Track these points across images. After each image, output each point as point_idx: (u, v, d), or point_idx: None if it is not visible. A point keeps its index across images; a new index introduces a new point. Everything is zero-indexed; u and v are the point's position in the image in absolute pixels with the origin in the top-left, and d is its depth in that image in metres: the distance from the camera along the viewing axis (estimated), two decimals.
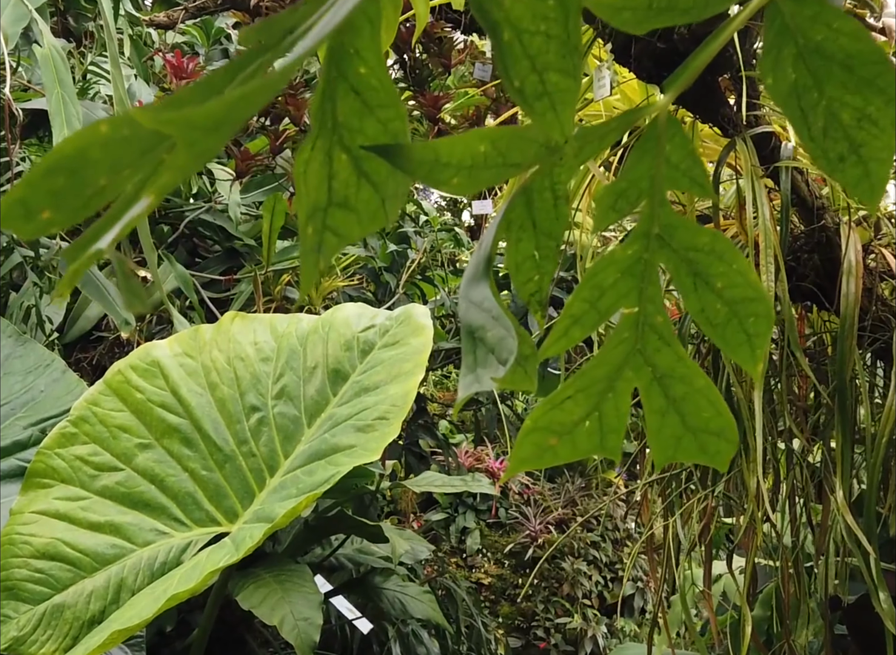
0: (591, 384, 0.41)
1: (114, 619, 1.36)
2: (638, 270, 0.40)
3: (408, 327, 1.40)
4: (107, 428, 1.44)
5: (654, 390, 0.41)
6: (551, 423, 0.41)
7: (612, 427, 0.42)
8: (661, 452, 0.42)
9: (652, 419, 0.42)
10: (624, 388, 0.41)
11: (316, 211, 0.35)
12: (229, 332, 1.47)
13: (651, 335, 0.41)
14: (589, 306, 0.40)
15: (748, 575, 1.20)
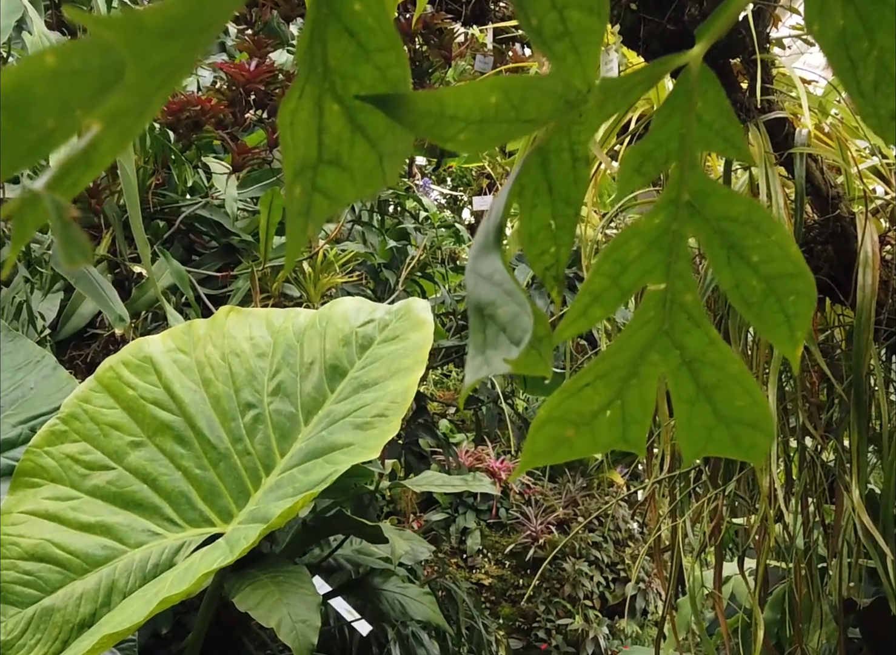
0: (612, 370, 0.37)
1: (104, 623, 1.32)
2: (665, 242, 0.36)
3: (408, 321, 1.36)
4: (98, 426, 1.40)
5: (683, 376, 0.37)
6: (568, 413, 0.37)
7: (636, 417, 0.37)
8: (690, 445, 0.38)
9: (680, 409, 0.37)
10: (649, 374, 0.37)
11: (304, 169, 0.30)
12: (224, 327, 1.43)
13: (680, 315, 0.37)
14: (610, 281, 0.36)
15: (760, 577, 1.16)
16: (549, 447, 0.37)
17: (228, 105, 2.06)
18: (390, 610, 2.64)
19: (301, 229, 0.30)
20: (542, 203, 0.35)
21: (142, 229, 1.57)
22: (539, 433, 0.37)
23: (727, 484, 1.15)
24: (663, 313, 0.37)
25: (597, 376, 0.37)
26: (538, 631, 4.19)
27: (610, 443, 0.38)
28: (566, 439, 0.37)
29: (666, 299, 0.37)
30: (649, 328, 0.37)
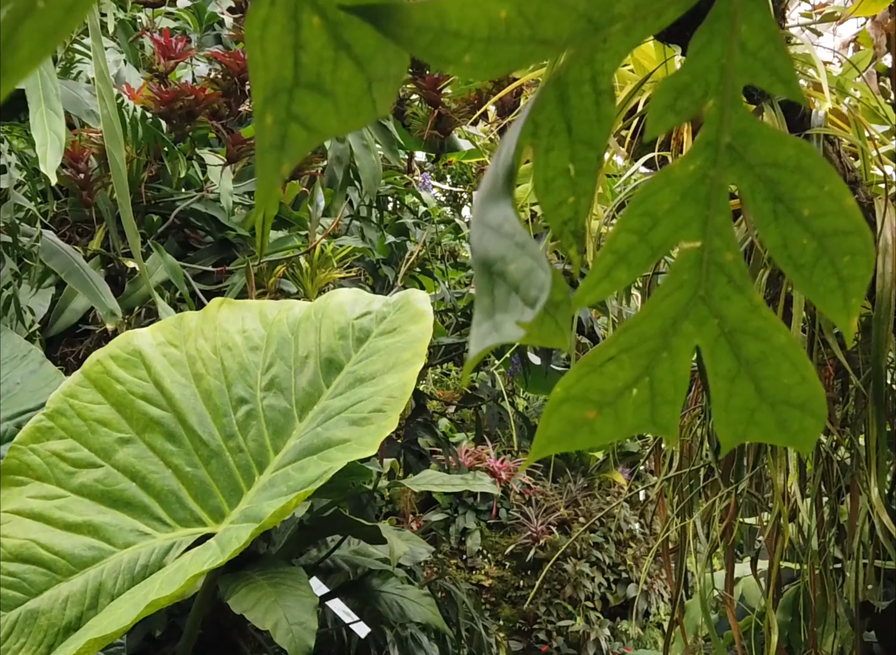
0: (639, 342, 0.32)
1: (91, 626, 1.27)
2: (702, 192, 0.31)
3: (406, 313, 1.31)
4: (85, 422, 1.35)
5: (722, 348, 0.32)
6: (588, 391, 0.32)
7: (667, 397, 0.32)
8: (728, 429, 0.33)
9: (718, 387, 0.32)
10: (682, 346, 0.32)
11: (277, 93, 0.25)
12: (216, 319, 1.38)
13: (718, 277, 0.32)
14: (638, 238, 0.31)
15: (774, 579, 1.11)
16: (567, 431, 0.32)
17: (223, 95, 2.01)
18: (389, 612, 2.60)
19: (273, 167, 0.25)
20: (559, 145, 0.30)
21: (132, 220, 1.52)
22: (555, 414, 0.32)
23: (740, 482, 1.11)
24: (699, 276, 0.32)
25: (622, 349, 0.32)
26: (539, 633, 4.14)
27: (636, 426, 0.33)
28: (586, 421, 0.32)
29: (702, 258, 0.32)
30: (683, 293, 0.32)
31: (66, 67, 1.96)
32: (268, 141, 0.25)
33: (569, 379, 0.32)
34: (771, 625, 1.07)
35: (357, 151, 2.81)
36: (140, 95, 2.01)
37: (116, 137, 1.50)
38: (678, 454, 1.21)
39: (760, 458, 1.10)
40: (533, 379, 3.25)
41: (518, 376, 3.31)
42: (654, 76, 1.17)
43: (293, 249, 2.48)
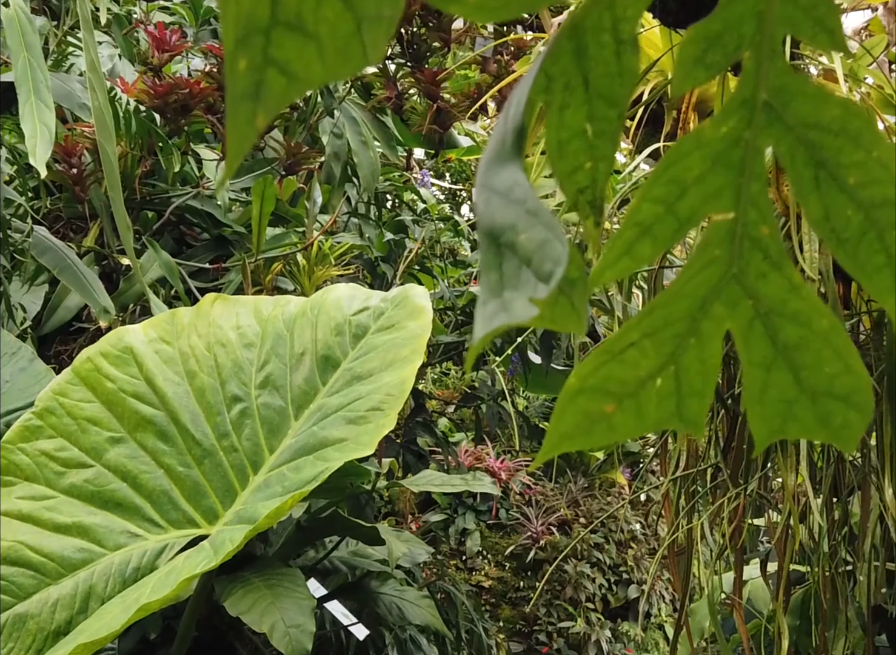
0: (664, 326, 0.28)
1: (81, 630, 1.24)
2: (735, 156, 0.28)
3: (404, 309, 1.28)
4: (75, 421, 1.31)
5: (757, 333, 0.29)
6: (607, 381, 0.28)
7: (694, 388, 0.29)
8: (763, 424, 0.29)
9: (752, 377, 0.29)
10: (712, 331, 0.29)
11: (251, 34, 0.22)
12: (210, 316, 1.35)
13: (754, 254, 0.28)
14: (664, 209, 0.28)
15: (784, 582, 1.08)
16: (582, 427, 0.29)
17: (218, 89, 1.97)
18: (388, 614, 2.56)
19: (246, 119, 0.22)
20: (575, 102, 0.27)
21: (125, 214, 1.48)
22: (569, 407, 0.28)
23: (749, 482, 1.07)
24: (731, 251, 0.28)
25: (644, 334, 0.28)
26: (539, 634, 4.11)
27: (660, 421, 0.29)
28: (604, 415, 0.29)
29: (735, 232, 0.28)
30: (713, 271, 0.28)
31: (58, 60, 1.92)
32: (240, 88, 0.22)
33: (585, 368, 0.28)
34: (782, 630, 1.03)
35: (355, 148, 2.78)
36: (134, 89, 1.97)
37: (108, 129, 1.47)
38: (685, 453, 1.18)
39: (770, 457, 1.07)
40: (533, 378, 3.22)
41: (518, 376, 3.27)
42: (659, 65, 1.14)
43: (290, 246, 2.44)
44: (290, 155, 2.14)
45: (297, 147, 2.14)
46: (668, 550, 1.20)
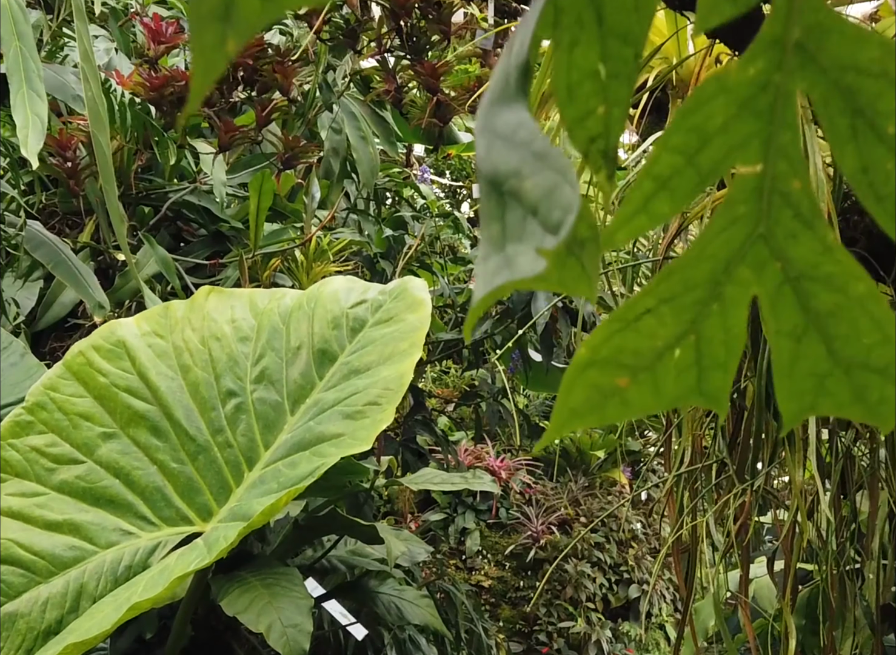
0: (684, 291, 0.26)
1: (71, 630, 1.21)
2: (764, 102, 0.25)
3: (403, 301, 1.25)
4: (66, 416, 1.28)
5: (786, 299, 0.26)
6: (620, 352, 0.26)
7: (717, 360, 0.26)
8: (793, 400, 0.26)
9: (781, 348, 0.26)
10: (737, 296, 0.26)
11: None
12: (204, 309, 1.32)
13: (783, 211, 0.26)
14: (684, 160, 0.25)
15: (791, 580, 1.05)
16: (593, 402, 0.26)
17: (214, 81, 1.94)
18: (386, 614, 2.54)
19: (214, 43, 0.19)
20: (586, 39, 0.24)
21: (118, 206, 1.46)
22: (579, 381, 0.26)
23: (756, 478, 1.04)
24: (759, 208, 0.26)
25: (662, 300, 0.26)
26: (539, 634, 4.08)
27: (679, 396, 0.26)
28: (617, 390, 0.26)
29: (763, 186, 0.25)
30: (738, 230, 0.26)
31: (52, 51, 1.89)
32: (207, 7, 0.19)
33: (596, 338, 0.25)
34: (789, 629, 1.01)
35: (354, 143, 2.75)
36: (130, 82, 1.95)
37: (101, 120, 1.44)
38: (689, 449, 1.15)
39: (777, 452, 1.04)
40: (534, 376, 3.19)
41: (519, 373, 3.25)
42: (664, 51, 1.11)
43: (288, 241, 2.41)
44: (287, 149, 2.12)
45: (294, 141, 2.11)
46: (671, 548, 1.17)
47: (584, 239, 0.24)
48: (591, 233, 0.24)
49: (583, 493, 4.40)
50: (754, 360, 1.00)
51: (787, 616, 1.02)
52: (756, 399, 1.00)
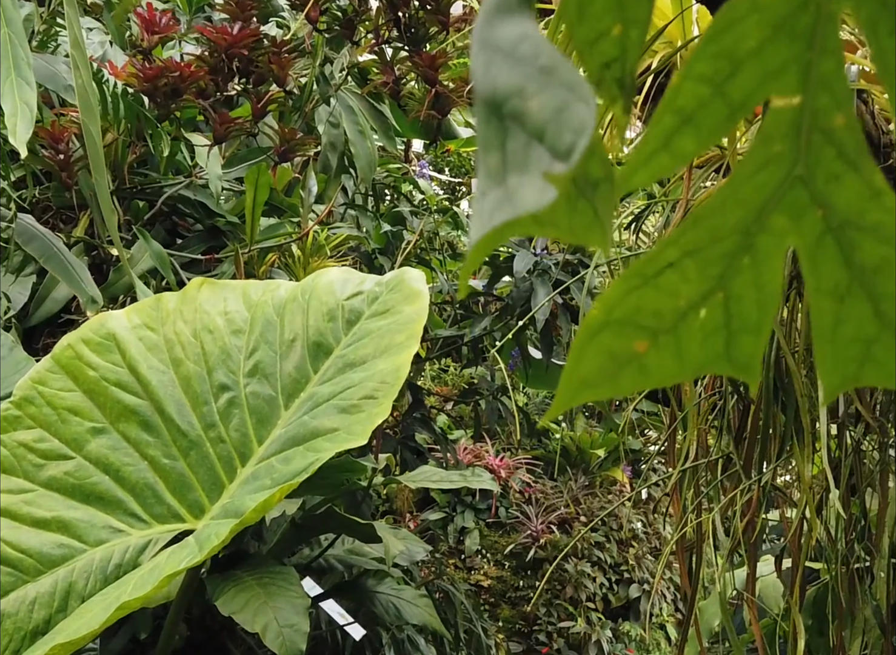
0: (711, 241, 0.23)
1: (59, 630, 1.18)
2: (803, 23, 0.22)
3: (400, 293, 1.22)
4: (55, 411, 1.25)
5: (827, 251, 0.23)
6: (638, 312, 0.23)
7: (748, 321, 0.23)
8: (835, 368, 0.23)
9: (822, 309, 0.23)
10: (771, 248, 0.23)
11: None
12: (196, 301, 1.29)
13: (824, 150, 0.22)
14: (711, 90, 0.22)
15: (800, 579, 1.02)
16: (607, 370, 0.23)
17: (210, 73, 1.91)
18: (384, 613, 2.51)
19: None
20: None
21: (109, 196, 1.42)
22: (590, 346, 0.22)
23: (764, 473, 1.01)
24: (797, 147, 0.22)
25: (686, 252, 0.22)
26: (539, 634, 4.05)
27: (704, 363, 0.23)
28: (634, 356, 0.23)
29: (801, 122, 0.22)
30: (773, 172, 0.22)
31: (44, 41, 1.86)
32: None
33: (611, 296, 0.22)
34: (798, 628, 0.98)
35: (352, 138, 2.72)
36: (123, 73, 1.91)
37: (91, 108, 1.41)
38: (694, 443, 1.12)
39: (785, 447, 1.01)
40: (533, 374, 3.16)
41: (518, 371, 3.21)
42: (667, 34, 1.08)
43: (285, 236, 2.38)
44: (284, 142, 2.08)
45: (291, 133, 2.08)
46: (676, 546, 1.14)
47: (596, 179, 0.20)
48: (604, 173, 0.21)
49: (583, 492, 4.36)
50: None
51: (795, 614, 0.99)
52: (763, 392, 0.97)
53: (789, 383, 0.97)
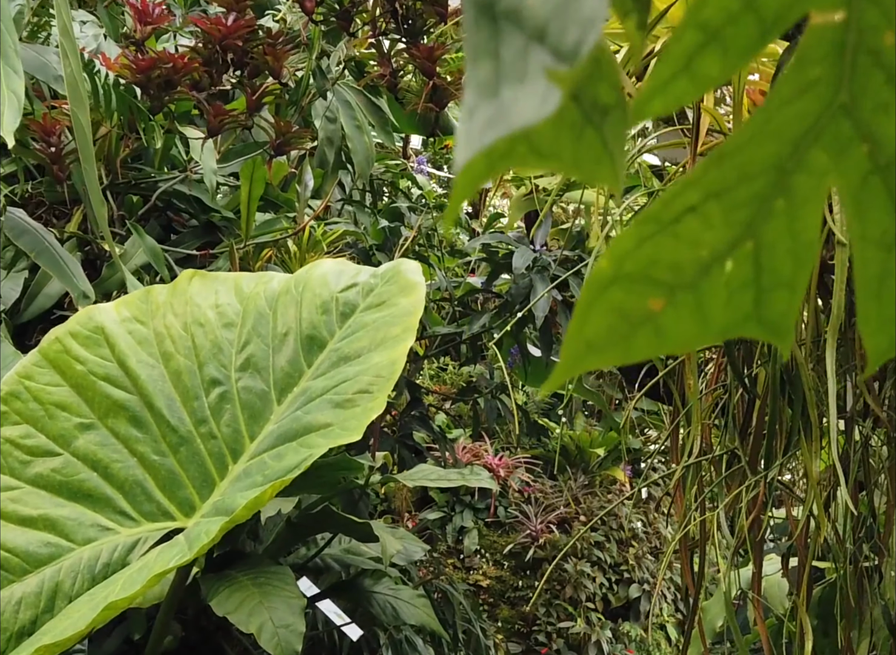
0: (738, 181, 0.19)
1: (45, 631, 1.15)
2: None
3: (396, 285, 1.19)
4: (42, 406, 1.22)
5: (874, 194, 0.20)
6: (653, 265, 0.19)
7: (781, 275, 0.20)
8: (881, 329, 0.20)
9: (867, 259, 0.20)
10: (809, 188, 0.20)
11: None
12: (187, 293, 1.25)
13: (872, 75, 0.19)
14: (741, 4, 0.19)
15: (806, 579, 0.99)
16: (617, 332, 0.19)
17: (204, 64, 1.88)
18: (382, 614, 2.48)
19: None
20: None
21: (98, 187, 1.39)
22: (598, 304, 0.19)
23: (770, 469, 0.98)
24: (840, 72, 0.19)
25: (709, 194, 0.19)
26: (538, 635, 4.02)
27: (730, 324, 0.20)
28: (648, 315, 0.20)
29: (846, 42, 0.19)
30: (812, 100, 0.19)
31: (34, 31, 1.83)
32: None
33: (622, 246, 0.19)
34: (805, 629, 0.95)
35: (349, 133, 2.69)
36: (116, 64, 1.88)
37: (81, 96, 1.38)
38: (698, 438, 1.09)
39: (792, 442, 0.98)
40: (533, 372, 3.13)
41: (517, 369, 3.18)
42: (669, 17, 1.05)
43: (281, 231, 2.35)
44: (279, 134, 2.05)
45: (286, 126, 2.05)
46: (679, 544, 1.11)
47: (606, 105, 0.17)
48: (615, 98, 0.18)
49: (582, 491, 4.33)
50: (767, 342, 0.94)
51: (802, 614, 0.96)
52: (770, 385, 0.94)
53: (796, 376, 0.94)
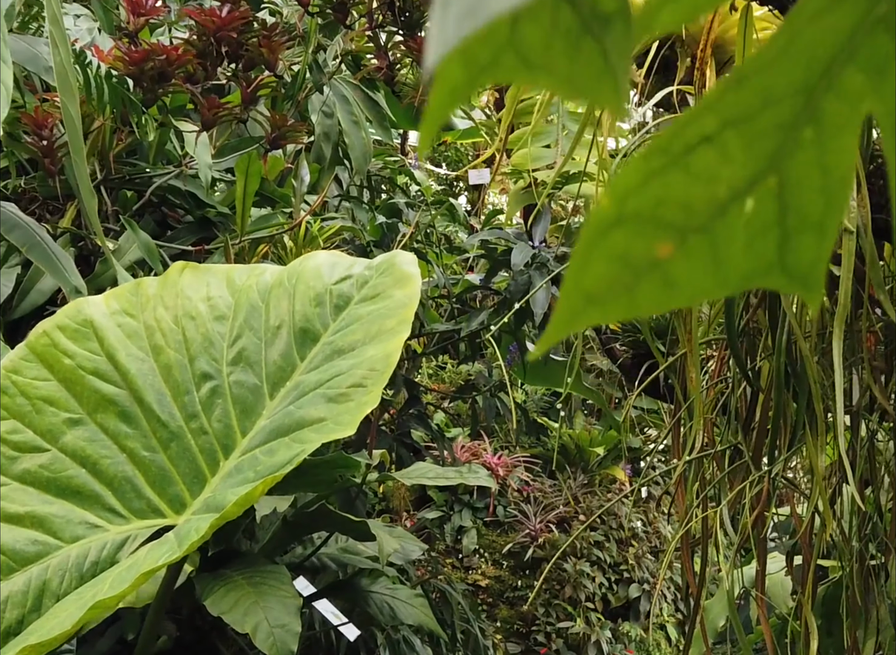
0: (760, 107, 0.17)
1: (32, 630, 1.12)
2: None
3: (391, 277, 1.16)
4: (29, 401, 1.19)
5: None
6: (661, 204, 0.17)
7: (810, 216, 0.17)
8: None
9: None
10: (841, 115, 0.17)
11: None
12: (178, 286, 1.23)
13: None
14: None
15: (811, 576, 0.97)
16: (620, 281, 0.17)
17: (198, 56, 1.86)
18: (379, 614, 2.46)
19: None
20: None
21: (87, 178, 1.37)
22: (598, 250, 0.17)
23: (774, 465, 0.95)
24: None
25: (727, 122, 0.16)
26: (537, 635, 4.00)
27: (750, 272, 0.17)
28: (655, 263, 0.17)
29: None
30: (846, 12, 0.16)
31: (25, 22, 1.80)
32: None
33: (625, 182, 0.16)
34: (811, 628, 0.92)
35: (346, 128, 2.66)
36: (109, 56, 1.86)
37: (70, 87, 1.35)
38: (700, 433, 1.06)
39: (797, 436, 0.96)
40: (531, 369, 3.10)
41: (516, 367, 3.16)
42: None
43: (277, 227, 2.32)
44: (275, 128, 2.03)
45: (282, 119, 2.02)
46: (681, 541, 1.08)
47: (608, 14, 0.15)
48: (618, 6, 0.15)
49: (582, 490, 4.31)
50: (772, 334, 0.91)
51: (807, 613, 0.93)
52: (774, 378, 0.92)
53: (801, 369, 0.91)
